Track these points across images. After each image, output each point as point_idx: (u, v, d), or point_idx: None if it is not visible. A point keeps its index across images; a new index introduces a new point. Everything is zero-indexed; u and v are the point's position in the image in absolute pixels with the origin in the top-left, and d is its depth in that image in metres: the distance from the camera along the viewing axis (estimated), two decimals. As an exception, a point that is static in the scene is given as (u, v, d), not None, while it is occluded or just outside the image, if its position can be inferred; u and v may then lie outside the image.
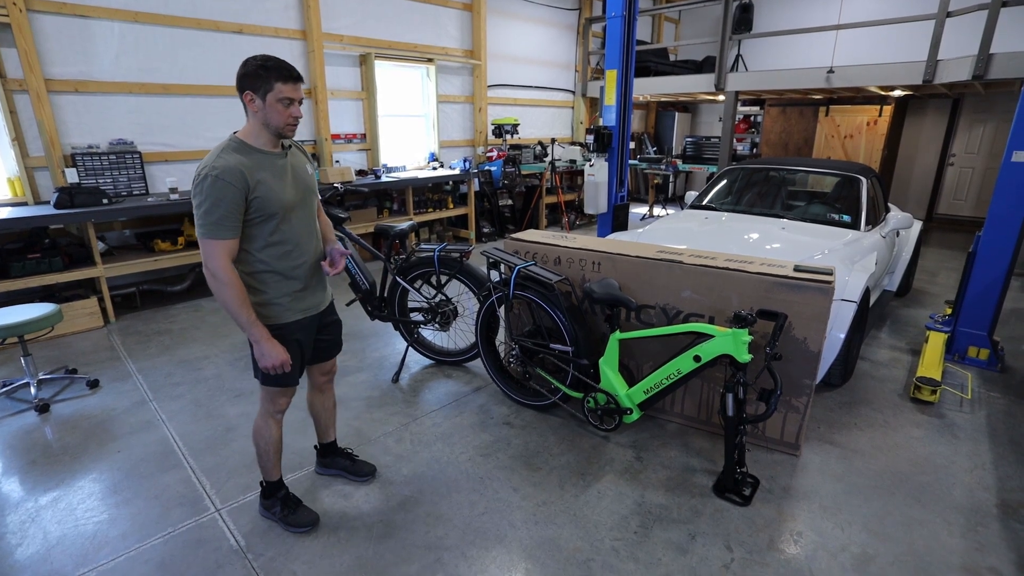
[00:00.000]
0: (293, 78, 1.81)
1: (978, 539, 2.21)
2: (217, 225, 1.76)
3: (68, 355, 3.88)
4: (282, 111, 1.82)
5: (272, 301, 1.96)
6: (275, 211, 1.86)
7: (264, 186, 1.82)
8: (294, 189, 1.94)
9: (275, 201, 1.85)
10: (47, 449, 2.80)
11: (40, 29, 4.29)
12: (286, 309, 1.99)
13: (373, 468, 2.59)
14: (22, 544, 2.17)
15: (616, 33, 5.14)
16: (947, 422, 3.05)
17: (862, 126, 8.52)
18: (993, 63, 5.42)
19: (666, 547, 2.16)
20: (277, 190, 1.86)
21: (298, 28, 5.76)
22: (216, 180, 1.73)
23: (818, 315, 2.49)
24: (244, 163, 1.79)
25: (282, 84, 1.78)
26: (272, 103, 1.80)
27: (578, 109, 9.51)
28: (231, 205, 1.76)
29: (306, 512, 2.27)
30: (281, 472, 2.29)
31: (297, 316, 2.02)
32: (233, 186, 1.75)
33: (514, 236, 3.34)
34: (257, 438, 2.18)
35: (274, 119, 1.82)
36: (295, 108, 1.85)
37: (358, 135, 6.58)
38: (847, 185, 4.37)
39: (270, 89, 1.78)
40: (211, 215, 1.74)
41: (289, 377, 2.04)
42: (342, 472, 2.56)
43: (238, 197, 1.77)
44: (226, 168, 1.75)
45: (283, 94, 1.79)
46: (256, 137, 1.86)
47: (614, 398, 2.75)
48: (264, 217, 1.85)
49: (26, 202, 4.45)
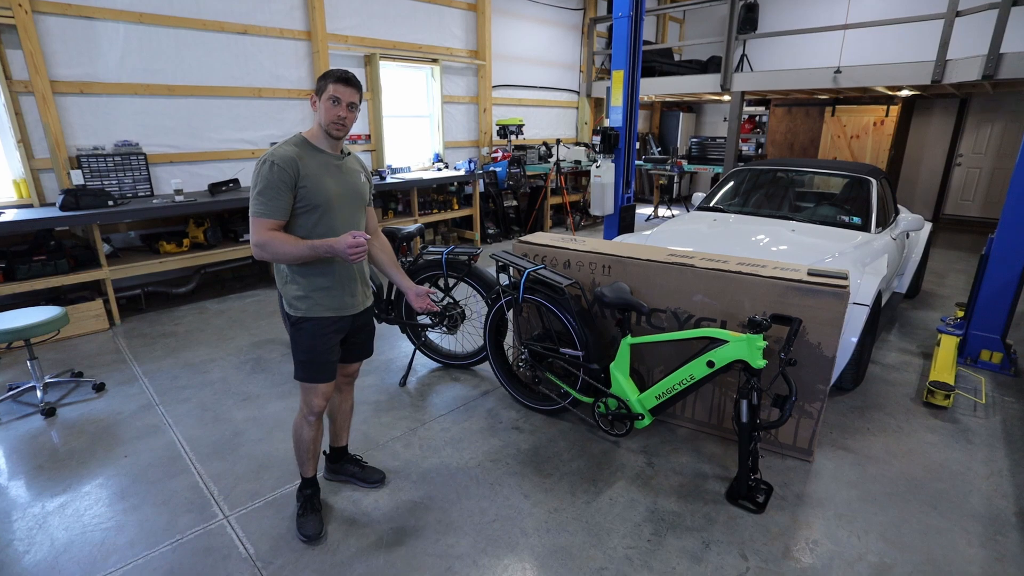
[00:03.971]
0: (344, 80, 1.97)
1: (998, 549, 2.17)
2: (267, 204, 1.91)
3: (74, 358, 3.87)
4: (330, 108, 1.96)
5: (305, 294, 2.06)
6: (319, 203, 1.99)
7: (312, 178, 1.97)
8: (340, 187, 2.05)
9: (320, 193, 1.98)
10: (54, 453, 2.78)
11: (45, 30, 4.27)
12: (316, 304, 2.07)
13: (383, 475, 2.57)
14: (30, 551, 2.15)
15: (623, 34, 5.11)
16: (961, 427, 3.01)
17: (868, 126, 8.47)
18: (1003, 63, 5.37)
19: (680, 555, 2.14)
20: (323, 184, 2.00)
21: (303, 29, 5.74)
22: (272, 165, 1.90)
23: (833, 320, 2.46)
24: (299, 154, 1.96)
25: (334, 85, 1.95)
26: (324, 101, 1.97)
27: (583, 109, 9.48)
28: (281, 187, 1.91)
29: (314, 523, 2.25)
30: (315, 472, 2.32)
31: (328, 313, 2.09)
32: (285, 171, 1.91)
33: (523, 239, 3.32)
34: (295, 435, 2.25)
35: (323, 116, 1.98)
36: (341, 108, 1.97)
37: (363, 136, 6.56)
38: (857, 186, 4.33)
39: (324, 89, 1.96)
40: (263, 195, 1.90)
41: (319, 372, 2.12)
42: (351, 478, 2.54)
43: (288, 181, 1.92)
44: (282, 156, 1.92)
45: (332, 93, 1.95)
46: (317, 138, 2.03)
47: (625, 403, 2.72)
48: (309, 208, 1.98)
49: (32, 204, 4.44)
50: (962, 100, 8.42)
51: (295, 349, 2.11)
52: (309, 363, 2.10)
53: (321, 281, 2.06)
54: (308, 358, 2.09)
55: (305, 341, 2.08)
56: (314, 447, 2.26)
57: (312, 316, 2.07)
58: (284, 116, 5.79)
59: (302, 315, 2.06)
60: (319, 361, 2.10)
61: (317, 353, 2.09)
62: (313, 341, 2.08)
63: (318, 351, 2.09)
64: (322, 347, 2.10)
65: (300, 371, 2.12)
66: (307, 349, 2.09)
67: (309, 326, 2.07)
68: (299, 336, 2.08)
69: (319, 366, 2.11)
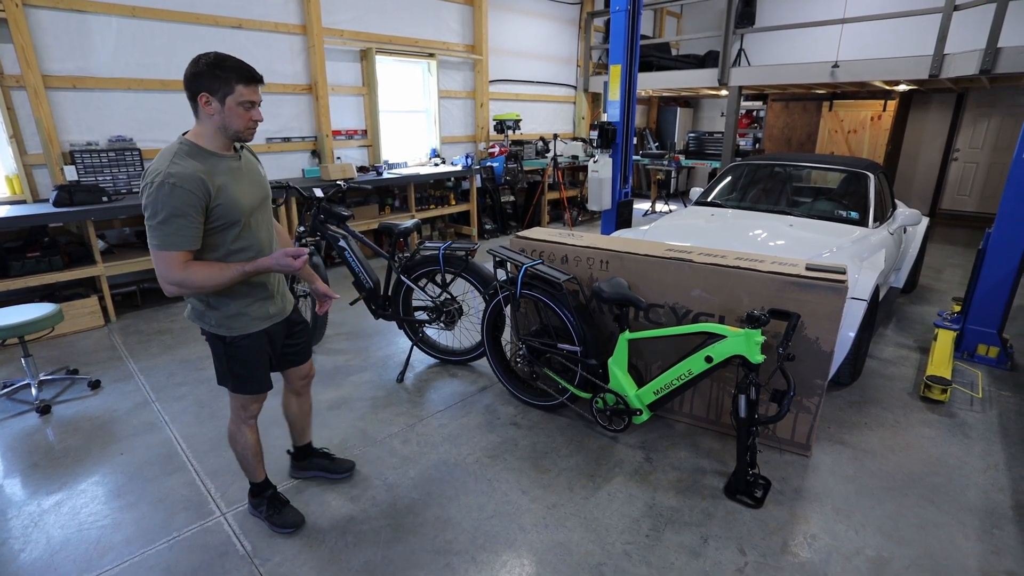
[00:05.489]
0: (255, 80, 1.72)
1: (994, 542, 2.18)
2: (176, 235, 1.65)
3: (69, 355, 3.85)
4: (243, 115, 1.72)
5: (240, 312, 1.90)
6: (238, 217, 1.78)
7: (225, 192, 1.73)
8: (252, 192, 1.86)
9: (237, 207, 1.77)
10: (49, 451, 2.76)
11: (37, 24, 4.22)
12: (254, 319, 1.93)
13: (352, 464, 2.59)
14: (25, 549, 2.14)
15: (620, 28, 5.08)
16: (958, 421, 3.02)
17: (866, 121, 8.45)
18: (1001, 57, 5.36)
19: (679, 550, 2.14)
20: (238, 195, 1.78)
21: (298, 23, 5.69)
22: (174, 188, 1.61)
23: (831, 314, 2.46)
24: (202, 169, 1.69)
25: (243, 87, 1.69)
26: (232, 106, 1.70)
27: (580, 104, 9.45)
28: (190, 213, 1.65)
29: (292, 513, 2.26)
30: (265, 472, 2.29)
31: (265, 324, 1.98)
32: (193, 193, 1.64)
33: (520, 234, 3.30)
34: (233, 444, 2.16)
35: (234, 123, 1.73)
36: (256, 112, 1.76)
37: (359, 131, 6.52)
38: (854, 181, 4.32)
39: (230, 92, 1.68)
40: (169, 225, 1.63)
41: (260, 384, 2.03)
42: (320, 472, 2.55)
43: (197, 205, 1.66)
44: (184, 175, 1.63)
45: (244, 97, 1.70)
46: (210, 140, 1.76)
47: (623, 399, 2.72)
48: (227, 224, 1.77)
49: (25, 200, 4.40)
50: (959, 95, 8.42)
51: (233, 366, 1.95)
52: (249, 378, 1.99)
53: (259, 292, 1.94)
54: (247, 373, 1.98)
55: (246, 357, 1.95)
56: (259, 448, 2.20)
57: (249, 332, 1.93)
58: (279, 111, 5.75)
59: (239, 334, 1.91)
60: (259, 375, 2.01)
61: (257, 367, 1.99)
62: (252, 356, 1.96)
63: (260, 363, 2.00)
64: (262, 361, 2.01)
65: (239, 385, 1.99)
66: (249, 364, 1.97)
67: (248, 343, 1.94)
68: (238, 353, 1.94)
69: (259, 379, 2.02)
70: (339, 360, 3.77)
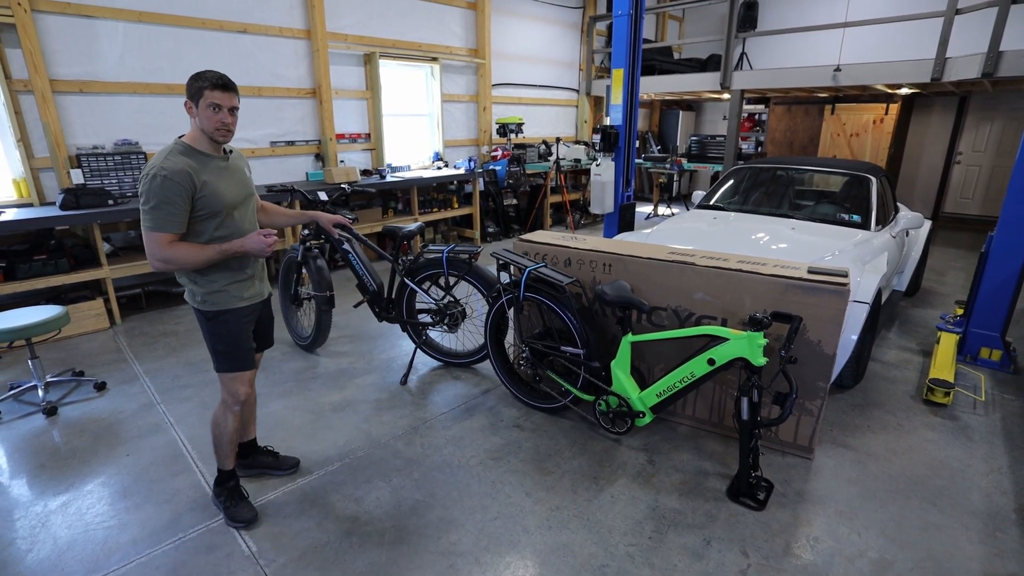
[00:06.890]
0: (221, 86, 1.96)
1: (997, 545, 2.18)
2: (164, 219, 1.92)
3: (75, 357, 3.87)
4: (211, 116, 1.96)
5: (220, 289, 2.12)
6: (219, 209, 2.04)
7: (209, 186, 2.00)
8: (235, 190, 2.11)
9: (219, 200, 2.03)
10: (56, 452, 2.78)
11: (45, 29, 4.27)
12: (232, 296, 2.15)
13: (297, 461, 2.66)
14: (32, 549, 2.16)
15: (623, 32, 5.11)
16: (961, 424, 3.02)
17: (868, 124, 8.47)
18: (1003, 60, 5.37)
19: (681, 553, 2.14)
20: (221, 190, 2.04)
21: (302, 27, 5.73)
22: (165, 180, 1.89)
23: (833, 317, 2.47)
24: (191, 165, 1.96)
25: (210, 91, 1.94)
26: (203, 108, 1.95)
27: (582, 108, 9.48)
28: (177, 201, 1.92)
29: (247, 508, 2.32)
30: (235, 463, 2.37)
31: (243, 303, 2.18)
32: (181, 185, 1.92)
33: (523, 237, 3.32)
34: (215, 428, 2.28)
35: (205, 124, 1.98)
36: (223, 114, 1.98)
37: (363, 135, 6.55)
38: (857, 185, 4.33)
39: (200, 95, 1.94)
40: (160, 210, 1.91)
41: (242, 361, 2.21)
42: (265, 469, 2.60)
43: (184, 195, 1.93)
44: (174, 170, 1.91)
45: (211, 100, 1.94)
46: (199, 141, 2.02)
47: (626, 401, 2.73)
48: (209, 214, 2.03)
49: (31, 203, 4.44)
50: (961, 98, 8.42)
51: (215, 342, 2.17)
52: (232, 354, 2.18)
53: (238, 275, 2.15)
54: (230, 349, 2.18)
55: (225, 333, 2.15)
56: (235, 437, 2.32)
57: (229, 308, 2.14)
58: (283, 115, 5.79)
59: (220, 308, 2.12)
60: (242, 350, 2.20)
61: (239, 342, 2.19)
62: (233, 331, 2.16)
63: (240, 340, 2.19)
64: (243, 336, 2.20)
65: (224, 363, 2.19)
66: (228, 340, 2.16)
67: (228, 317, 2.14)
68: (219, 329, 2.15)
69: (242, 355, 2.20)
70: (343, 362, 3.79)
